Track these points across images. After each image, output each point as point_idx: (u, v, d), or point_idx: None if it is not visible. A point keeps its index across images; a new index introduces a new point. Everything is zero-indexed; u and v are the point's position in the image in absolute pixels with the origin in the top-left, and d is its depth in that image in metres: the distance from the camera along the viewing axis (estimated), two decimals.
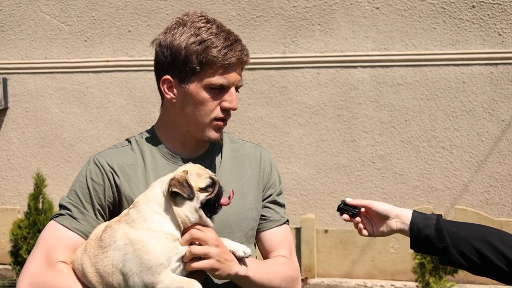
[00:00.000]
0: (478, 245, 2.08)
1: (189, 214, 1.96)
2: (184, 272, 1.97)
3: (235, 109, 2.13)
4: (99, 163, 2.11)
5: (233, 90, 2.12)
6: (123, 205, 2.09)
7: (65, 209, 2.10)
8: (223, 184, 2.07)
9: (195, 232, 1.96)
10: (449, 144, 7.36)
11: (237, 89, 2.15)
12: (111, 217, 2.09)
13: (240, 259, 2.04)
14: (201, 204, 1.96)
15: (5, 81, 8.31)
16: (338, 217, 7.56)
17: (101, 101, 8.14)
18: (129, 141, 2.20)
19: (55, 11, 8.23)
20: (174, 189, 1.93)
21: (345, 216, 2.22)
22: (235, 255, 2.03)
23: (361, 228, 2.22)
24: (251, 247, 2.20)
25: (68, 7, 8.19)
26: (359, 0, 7.51)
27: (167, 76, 2.12)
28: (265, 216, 2.25)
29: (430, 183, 7.39)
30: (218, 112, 2.11)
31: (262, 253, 2.27)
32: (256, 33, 7.75)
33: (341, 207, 2.23)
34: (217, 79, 2.08)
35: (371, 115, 7.51)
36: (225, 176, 2.17)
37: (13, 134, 8.37)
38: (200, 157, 2.19)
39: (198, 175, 1.99)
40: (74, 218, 2.07)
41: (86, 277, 2.00)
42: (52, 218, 2.10)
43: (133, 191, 2.09)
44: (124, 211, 2.04)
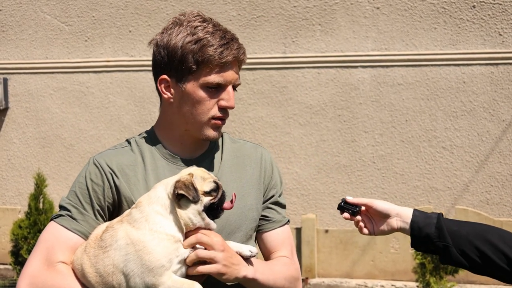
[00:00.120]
0: (479, 244, 2.07)
1: (192, 216, 1.96)
2: (185, 275, 1.97)
3: (232, 107, 2.12)
4: (98, 164, 2.11)
5: (230, 88, 2.12)
6: (123, 206, 2.09)
7: (65, 210, 2.10)
8: (223, 184, 2.07)
9: (201, 237, 1.96)
10: (450, 144, 7.35)
11: (235, 87, 2.15)
12: (110, 218, 2.09)
13: (247, 259, 2.05)
14: (204, 208, 1.97)
15: (5, 81, 8.31)
16: (338, 217, 7.55)
17: (101, 101, 8.14)
18: (129, 142, 2.20)
19: (55, 11, 8.23)
20: (180, 191, 1.93)
21: (346, 215, 2.22)
22: (242, 256, 2.03)
23: (362, 227, 2.22)
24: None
25: (68, 7, 8.19)
26: (359, 0, 7.51)
27: (164, 76, 2.12)
28: (267, 217, 2.25)
29: (431, 183, 7.39)
30: (216, 111, 2.11)
31: (264, 253, 2.28)
32: (257, 33, 7.75)
33: (341, 205, 2.22)
34: (213, 77, 2.08)
35: (371, 115, 7.51)
36: (225, 176, 2.17)
37: (13, 134, 8.37)
38: (200, 157, 2.19)
39: (203, 178, 1.99)
40: (74, 219, 2.07)
41: (86, 277, 2.00)
42: (52, 219, 2.10)
43: (132, 192, 2.09)
44: (126, 212, 2.04)
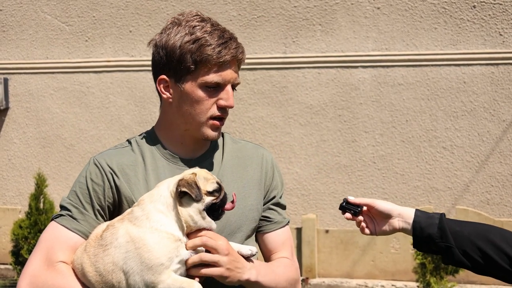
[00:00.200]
0: (481, 244, 2.07)
1: (193, 214, 1.96)
2: (184, 275, 1.98)
3: (231, 107, 2.12)
4: (99, 164, 2.11)
5: (229, 88, 2.12)
6: (123, 206, 2.10)
7: (65, 209, 2.10)
8: (224, 184, 2.07)
9: (206, 240, 1.96)
10: (450, 144, 7.35)
11: (234, 87, 2.15)
12: (111, 217, 2.09)
13: (248, 259, 2.06)
14: (206, 207, 1.97)
15: (6, 81, 8.31)
16: (339, 217, 7.55)
17: (102, 101, 8.14)
18: (129, 142, 2.20)
19: (56, 11, 8.23)
20: (183, 189, 1.94)
21: (348, 215, 2.21)
22: (241, 255, 2.04)
23: (363, 227, 2.22)
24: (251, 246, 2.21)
25: (69, 7, 8.20)
26: (360, 0, 7.51)
27: (163, 76, 2.12)
28: (268, 217, 2.25)
29: (431, 183, 7.39)
30: (215, 110, 2.11)
31: (264, 254, 2.28)
32: (257, 33, 7.75)
33: (343, 205, 2.21)
34: (212, 77, 2.08)
35: (372, 115, 7.51)
36: (226, 177, 2.17)
37: (14, 134, 8.37)
38: (201, 157, 2.19)
39: (206, 179, 2.00)
40: (74, 218, 2.08)
41: (86, 276, 2.00)
42: (52, 219, 2.11)
43: (133, 192, 2.09)
44: (127, 210, 2.04)
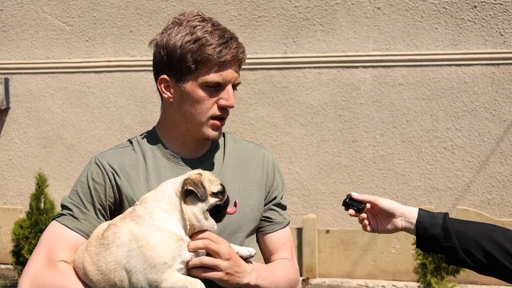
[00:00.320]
0: (485, 244, 2.06)
1: (197, 213, 1.97)
2: (186, 274, 1.98)
3: (232, 106, 2.12)
4: (100, 163, 2.12)
5: (229, 87, 2.12)
6: (124, 205, 2.10)
7: (66, 209, 2.10)
8: (225, 184, 2.08)
9: (208, 243, 1.97)
10: (451, 145, 7.35)
11: (235, 87, 2.15)
12: (112, 217, 2.10)
13: (247, 260, 2.06)
14: (210, 208, 1.98)
15: (7, 81, 8.31)
16: (339, 217, 7.55)
17: (102, 101, 8.14)
18: (130, 141, 2.20)
19: (56, 11, 8.23)
20: (190, 188, 1.95)
21: (351, 211, 2.20)
22: (240, 256, 2.04)
23: (366, 224, 2.21)
24: (251, 246, 2.21)
25: (69, 7, 8.20)
26: (360, 0, 7.50)
27: (164, 76, 2.13)
28: (270, 218, 2.25)
29: (432, 183, 7.39)
30: (215, 110, 2.11)
31: (265, 254, 2.29)
32: (258, 33, 7.75)
33: (346, 201, 2.21)
34: (212, 76, 2.08)
35: (372, 115, 7.51)
36: (227, 177, 2.17)
37: (14, 134, 8.38)
38: (202, 157, 2.19)
39: (210, 180, 2.01)
40: (76, 218, 2.08)
41: (87, 275, 2.00)
42: (54, 218, 2.11)
43: (134, 191, 2.10)
44: (128, 209, 2.04)
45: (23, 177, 8.34)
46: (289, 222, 2.30)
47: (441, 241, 2.10)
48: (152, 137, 2.20)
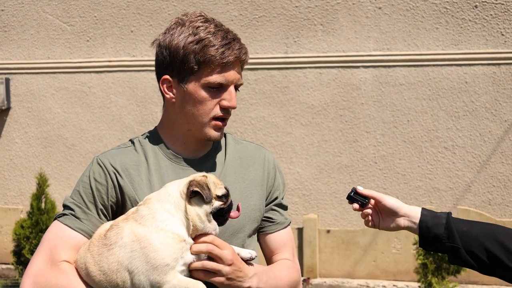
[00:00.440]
0: (489, 244, 2.06)
1: (201, 214, 1.97)
2: (187, 276, 1.99)
3: (234, 107, 2.13)
4: (102, 163, 2.12)
5: (232, 88, 2.12)
6: (126, 206, 2.10)
7: (68, 209, 2.10)
8: (227, 184, 2.08)
9: (211, 248, 1.97)
10: (452, 145, 7.35)
11: (237, 88, 2.15)
12: (114, 217, 2.10)
13: (249, 262, 2.07)
14: (214, 210, 1.98)
15: (7, 81, 8.32)
16: (340, 217, 7.55)
17: (103, 101, 8.14)
18: (132, 141, 2.20)
19: (57, 11, 8.23)
20: (196, 189, 1.95)
21: (355, 205, 2.20)
22: (241, 258, 2.04)
23: (369, 220, 2.21)
24: (252, 246, 2.22)
25: (70, 7, 8.20)
26: (361, 0, 7.50)
27: (167, 76, 2.13)
28: (271, 218, 2.25)
29: (433, 183, 7.39)
30: (217, 111, 2.11)
31: (266, 254, 2.29)
32: (258, 33, 7.75)
33: (351, 195, 2.20)
34: (215, 77, 2.08)
35: (373, 115, 7.51)
36: (229, 177, 2.17)
37: (15, 134, 8.38)
38: (204, 157, 2.19)
39: (215, 183, 2.01)
40: (77, 218, 2.08)
41: (89, 276, 2.00)
42: (55, 218, 2.11)
43: (136, 192, 2.10)
44: (131, 209, 2.04)
45: (24, 177, 8.34)
46: (290, 222, 2.31)
47: (444, 241, 2.10)
48: (154, 137, 2.20)
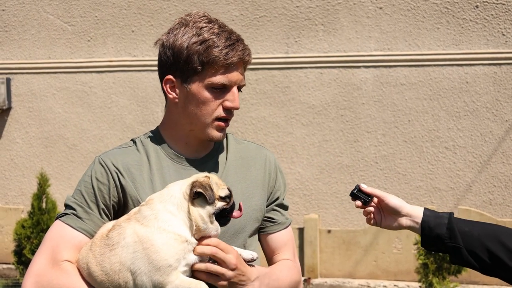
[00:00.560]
0: (491, 245, 2.06)
1: (204, 215, 1.97)
2: (190, 276, 1.99)
3: (237, 108, 2.13)
4: (104, 163, 2.12)
5: (235, 89, 2.13)
6: (128, 205, 2.10)
7: (70, 208, 2.10)
8: (229, 184, 2.08)
9: (215, 251, 1.98)
10: (453, 145, 7.35)
11: (239, 88, 2.16)
12: (116, 217, 2.10)
13: (250, 263, 2.07)
14: (217, 211, 1.99)
15: (8, 81, 8.32)
16: (341, 217, 7.55)
17: (104, 101, 8.15)
18: (134, 141, 2.20)
19: (58, 11, 8.24)
20: (199, 190, 1.95)
21: (358, 203, 2.20)
22: (243, 259, 2.05)
23: (371, 218, 2.21)
24: (254, 246, 2.23)
25: (71, 7, 8.20)
26: (362, 0, 7.50)
27: (170, 76, 2.13)
28: (272, 218, 2.26)
29: (433, 183, 7.39)
30: (220, 112, 2.12)
31: (267, 254, 2.29)
32: (259, 33, 7.75)
33: (354, 192, 2.20)
34: (218, 78, 2.09)
35: (374, 115, 7.51)
36: (230, 177, 2.18)
37: (16, 134, 8.38)
38: (205, 157, 2.20)
39: (218, 184, 2.02)
40: (79, 217, 2.08)
41: (91, 276, 2.00)
42: (57, 218, 2.11)
43: (138, 191, 2.10)
44: (133, 210, 2.04)
45: (25, 177, 8.35)
46: (290, 222, 2.31)
47: (446, 241, 2.10)
48: (156, 137, 2.20)
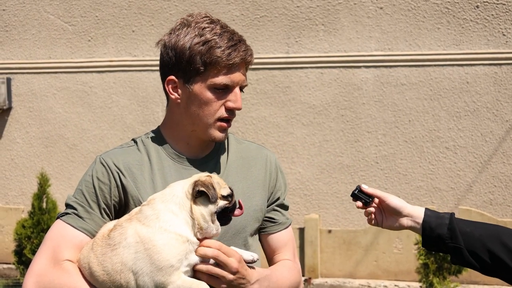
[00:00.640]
0: (492, 246, 2.06)
1: (205, 214, 1.97)
2: (191, 276, 1.99)
3: (239, 109, 2.14)
4: (105, 162, 2.12)
5: (237, 90, 2.13)
6: (129, 205, 2.10)
7: (71, 208, 2.10)
8: (229, 184, 2.09)
9: (217, 254, 1.98)
10: (453, 145, 7.35)
11: (241, 89, 2.16)
12: (117, 216, 2.10)
13: (250, 264, 2.07)
14: (218, 210, 1.99)
15: (9, 81, 8.32)
16: (341, 217, 7.55)
17: (104, 101, 8.15)
18: (135, 141, 2.20)
19: (59, 11, 8.24)
20: (201, 188, 1.96)
21: (359, 203, 2.20)
22: (243, 260, 2.05)
23: (372, 218, 2.21)
24: (254, 245, 2.23)
25: (72, 7, 8.20)
26: (362, 0, 7.50)
27: (172, 77, 2.13)
28: (273, 219, 2.26)
29: (434, 183, 7.39)
30: (223, 112, 2.12)
31: (267, 254, 2.30)
32: (260, 33, 7.75)
33: (355, 193, 2.20)
34: (221, 79, 2.09)
35: (374, 115, 7.51)
36: (231, 177, 2.18)
37: (17, 134, 8.38)
38: (206, 157, 2.20)
39: (219, 183, 2.02)
40: (80, 217, 2.08)
41: (93, 275, 2.00)
42: (58, 217, 2.11)
43: (139, 191, 2.10)
44: (134, 209, 2.04)
45: (25, 177, 8.35)
46: (291, 222, 2.32)
47: (447, 241, 2.10)
48: (157, 136, 2.20)
